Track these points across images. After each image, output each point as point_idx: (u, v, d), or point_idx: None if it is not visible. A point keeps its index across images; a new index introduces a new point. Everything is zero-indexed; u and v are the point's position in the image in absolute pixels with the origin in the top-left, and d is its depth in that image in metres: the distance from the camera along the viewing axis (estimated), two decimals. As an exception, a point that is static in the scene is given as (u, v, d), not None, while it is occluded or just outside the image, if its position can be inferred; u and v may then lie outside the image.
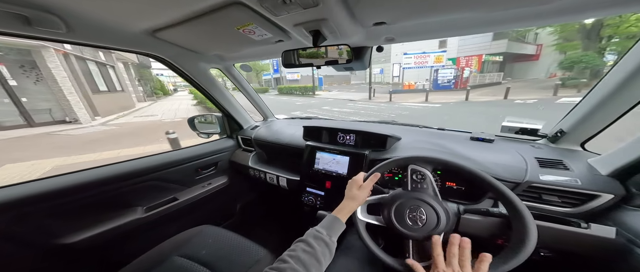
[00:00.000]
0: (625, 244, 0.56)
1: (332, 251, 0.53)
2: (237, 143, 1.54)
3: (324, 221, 0.59)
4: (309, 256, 0.48)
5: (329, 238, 0.53)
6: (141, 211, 1.07)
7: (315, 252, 0.49)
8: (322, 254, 0.49)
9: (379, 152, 0.97)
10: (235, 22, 0.64)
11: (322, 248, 0.51)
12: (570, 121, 0.81)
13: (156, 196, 1.14)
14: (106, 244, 0.98)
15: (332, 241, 0.53)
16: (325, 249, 0.51)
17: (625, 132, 0.77)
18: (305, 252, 0.48)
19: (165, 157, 1.17)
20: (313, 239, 0.52)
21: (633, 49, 0.61)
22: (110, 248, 1.03)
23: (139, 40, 0.78)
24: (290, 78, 32.85)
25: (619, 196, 0.62)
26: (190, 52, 0.98)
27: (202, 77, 1.17)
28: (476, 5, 0.52)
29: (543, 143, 0.92)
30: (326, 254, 0.51)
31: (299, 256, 0.47)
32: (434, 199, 0.63)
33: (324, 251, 0.51)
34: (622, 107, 0.67)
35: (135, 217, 1.03)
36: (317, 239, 0.52)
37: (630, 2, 0.50)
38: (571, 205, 0.67)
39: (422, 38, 0.80)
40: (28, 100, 6.91)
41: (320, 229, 0.55)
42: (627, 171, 0.62)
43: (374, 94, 13.16)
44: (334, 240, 0.55)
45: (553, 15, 0.57)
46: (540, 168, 0.73)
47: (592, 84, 0.73)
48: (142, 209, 1.07)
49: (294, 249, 0.50)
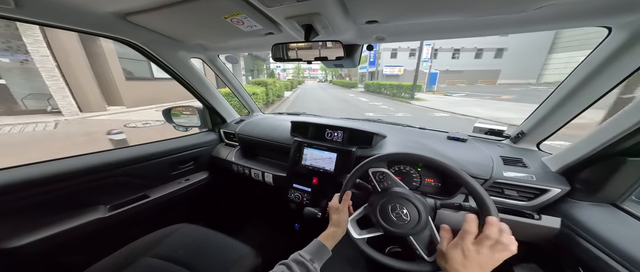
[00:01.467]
0: (568, 233, 0.64)
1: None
2: (219, 137, 1.47)
3: (310, 245, 0.58)
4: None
5: (311, 264, 0.52)
6: (104, 209, 0.96)
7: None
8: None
9: (366, 149, 1.00)
10: (222, 11, 0.60)
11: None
12: (529, 124, 0.91)
13: (122, 194, 1.04)
14: (59, 248, 0.87)
15: (314, 268, 0.52)
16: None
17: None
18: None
19: (134, 152, 1.07)
20: (295, 263, 0.51)
21: (584, 62, 0.69)
22: (64, 252, 0.92)
23: (106, 23, 0.69)
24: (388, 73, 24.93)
25: (565, 190, 0.70)
26: (169, 40, 0.89)
27: (182, 66, 1.08)
28: (459, 10, 0.55)
29: (507, 143, 1.02)
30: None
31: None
32: (404, 190, 0.66)
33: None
34: (570, 114, 0.77)
35: (96, 217, 0.93)
36: (298, 263, 0.51)
37: (592, 17, 0.56)
38: (527, 199, 0.75)
39: (410, 39, 0.82)
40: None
41: (305, 254, 0.54)
42: (572, 169, 0.71)
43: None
44: (317, 267, 0.53)
45: (527, 24, 0.63)
46: (503, 166, 0.80)
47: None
48: (105, 208, 0.97)
49: (275, 271, 0.49)
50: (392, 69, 24.86)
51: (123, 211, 1.01)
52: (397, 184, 0.69)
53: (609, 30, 0.60)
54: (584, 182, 0.69)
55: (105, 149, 1.02)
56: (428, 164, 0.62)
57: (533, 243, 0.74)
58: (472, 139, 1.06)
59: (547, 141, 0.91)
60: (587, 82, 0.68)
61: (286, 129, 1.21)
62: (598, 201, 0.66)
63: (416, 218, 0.60)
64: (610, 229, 0.56)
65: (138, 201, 1.06)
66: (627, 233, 0.55)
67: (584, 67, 0.68)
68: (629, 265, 0.47)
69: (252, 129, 1.33)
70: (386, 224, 0.62)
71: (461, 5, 0.52)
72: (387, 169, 0.71)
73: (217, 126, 1.47)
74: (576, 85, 0.71)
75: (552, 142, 0.95)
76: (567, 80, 0.74)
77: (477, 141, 1.06)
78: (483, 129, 1.05)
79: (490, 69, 25.75)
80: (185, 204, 1.34)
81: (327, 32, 0.71)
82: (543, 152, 0.91)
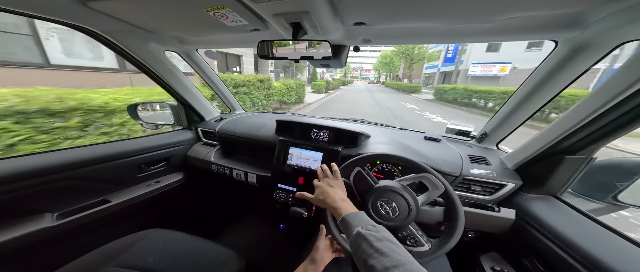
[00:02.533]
0: (521, 223, 0.72)
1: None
2: (196, 136, 1.37)
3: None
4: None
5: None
6: (50, 218, 0.84)
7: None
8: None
9: (351, 149, 1.02)
10: (205, 3, 0.56)
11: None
12: (491, 126, 1.03)
13: (74, 199, 0.92)
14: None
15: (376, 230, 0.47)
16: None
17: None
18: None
19: (88, 152, 0.94)
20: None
21: (535, 71, 0.80)
22: (2, 269, 0.78)
23: (60, 7, 0.60)
24: (478, 73, 16.20)
25: (518, 185, 0.79)
26: (138, 30, 0.80)
27: (153, 60, 0.98)
28: (438, 17, 0.59)
29: (473, 143, 1.13)
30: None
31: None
32: (393, 183, 0.70)
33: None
34: (522, 117, 0.88)
35: (40, 227, 0.80)
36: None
37: (543, 31, 0.65)
38: (489, 193, 0.82)
39: (395, 42, 0.86)
40: None
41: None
42: (524, 166, 0.80)
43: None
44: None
45: (494, 34, 0.70)
46: (470, 163, 0.88)
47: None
48: (51, 216, 0.84)
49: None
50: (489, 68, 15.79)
51: (76, 218, 0.88)
52: (369, 180, 0.74)
53: (555, 44, 0.71)
54: (532, 178, 0.78)
55: (51, 150, 0.88)
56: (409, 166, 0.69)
57: (495, 234, 0.83)
58: (445, 139, 1.15)
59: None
60: (537, 89, 0.79)
61: (271, 128, 1.18)
62: (543, 193, 0.77)
63: (406, 210, 0.64)
64: (552, 218, 0.65)
65: (95, 207, 0.94)
66: (564, 221, 0.64)
67: (535, 75, 0.79)
68: (565, 247, 0.56)
69: (233, 128, 1.26)
70: (380, 219, 0.65)
71: (440, 13, 0.57)
72: (360, 168, 0.76)
73: (194, 124, 1.37)
74: (528, 92, 0.82)
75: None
76: (521, 87, 0.85)
77: (449, 140, 1.15)
78: (454, 130, 1.15)
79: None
80: (156, 208, 1.22)
81: (315, 32, 0.70)
82: (501, 151, 1.03)
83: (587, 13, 0.52)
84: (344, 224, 0.51)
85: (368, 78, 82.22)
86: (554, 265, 0.57)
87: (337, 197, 0.60)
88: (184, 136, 1.33)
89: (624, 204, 0.65)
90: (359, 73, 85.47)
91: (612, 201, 0.67)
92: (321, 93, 15.01)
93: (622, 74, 0.49)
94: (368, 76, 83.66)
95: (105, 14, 0.65)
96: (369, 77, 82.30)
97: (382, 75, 58.07)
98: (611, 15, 0.49)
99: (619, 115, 0.51)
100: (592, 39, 0.59)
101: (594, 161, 0.65)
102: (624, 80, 0.48)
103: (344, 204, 0.58)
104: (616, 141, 0.59)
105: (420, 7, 0.54)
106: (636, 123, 0.51)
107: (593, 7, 0.49)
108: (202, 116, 1.37)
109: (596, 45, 0.60)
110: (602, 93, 0.52)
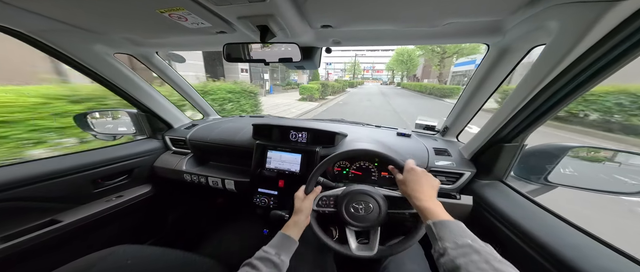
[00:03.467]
0: (477, 208, 0.78)
1: (281, 269, 0.51)
2: (164, 145, 1.27)
3: (273, 240, 0.57)
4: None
5: (278, 258, 0.52)
6: None
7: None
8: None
9: (328, 149, 1.03)
10: (157, 4, 0.51)
11: (268, 268, 0.49)
12: (450, 120, 1.12)
13: (17, 222, 0.81)
14: None
15: (281, 261, 0.52)
16: (273, 269, 0.50)
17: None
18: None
19: (32, 168, 0.83)
20: (259, 260, 0.50)
21: (476, 72, 0.90)
22: None
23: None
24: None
25: (474, 173, 0.86)
26: (78, 30, 0.71)
27: (101, 63, 0.87)
28: (393, 20, 0.64)
29: (438, 136, 1.23)
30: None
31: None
32: (364, 187, 0.73)
33: (270, 271, 0.49)
34: (471, 113, 0.99)
35: None
36: (263, 260, 0.50)
37: (477, 36, 0.72)
38: (451, 182, 0.88)
39: (361, 44, 0.89)
40: None
41: (269, 248, 0.54)
42: (476, 155, 0.87)
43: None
44: (284, 259, 0.53)
45: (439, 37, 0.77)
46: (435, 156, 0.94)
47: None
48: None
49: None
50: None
51: (20, 241, 0.77)
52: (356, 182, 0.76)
53: (488, 47, 0.80)
54: (482, 165, 0.86)
55: None
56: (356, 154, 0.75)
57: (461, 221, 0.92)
58: (415, 134, 1.23)
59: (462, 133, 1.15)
60: (479, 86, 0.89)
61: (247, 132, 1.14)
62: (492, 179, 0.85)
63: (377, 211, 0.67)
64: (499, 201, 0.73)
65: (41, 229, 0.83)
66: (507, 202, 0.71)
67: (477, 74, 0.90)
68: (510, 226, 0.64)
69: (206, 134, 1.19)
70: (352, 221, 0.67)
71: (393, 16, 0.62)
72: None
73: (160, 133, 1.27)
74: (472, 90, 0.93)
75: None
76: (467, 85, 0.96)
77: (418, 135, 1.23)
78: (421, 125, 1.25)
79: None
80: (120, 223, 1.11)
81: (284, 34, 0.69)
82: (460, 143, 1.14)
83: (504, 21, 0.61)
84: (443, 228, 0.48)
85: (380, 79, 72.95)
86: (505, 244, 0.65)
87: (431, 194, 0.59)
88: (148, 145, 1.22)
89: (553, 183, 0.76)
90: (371, 73, 76.04)
91: (544, 182, 0.78)
92: (313, 101, 10.93)
93: (532, 73, 0.58)
94: (380, 77, 73.58)
95: (28, 11, 0.56)
96: (381, 78, 72.75)
97: (397, 75, 51.60)
98: (521, 23, 0.58)
99: (535, 107, 0.61)
100: (512, 43, 0.70)
101: (525, 147, 0.76)
102: (534, 78, 0.57)
103: (437, 206, 0.54)
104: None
105: (375, 10, 0.58)
106: (549, 113, 0.61)
107: (507, 16, 0.58)
108: (170, 123, 1.27)
109: (515, 48, 0.72)
110: (520, 90, 0.62)
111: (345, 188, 0.75)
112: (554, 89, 0.54)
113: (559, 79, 0.51)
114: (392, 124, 1.38)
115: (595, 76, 0.47)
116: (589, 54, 0.45)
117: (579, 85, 0.51)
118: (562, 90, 0.53)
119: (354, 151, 0.80)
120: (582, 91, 0.52)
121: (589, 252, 0.49)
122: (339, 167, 1.02)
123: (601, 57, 0.44)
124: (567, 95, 0.54)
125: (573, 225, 0.58)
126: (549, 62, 0.51)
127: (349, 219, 0.68)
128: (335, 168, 1.02)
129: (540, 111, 0.61)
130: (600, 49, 0.43)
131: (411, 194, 0.59)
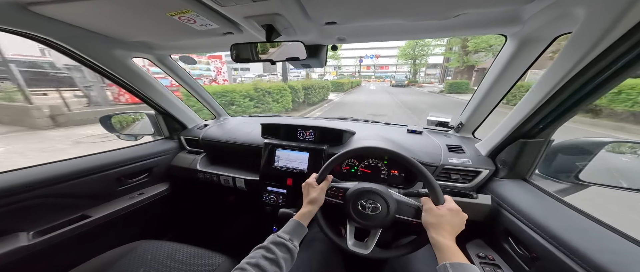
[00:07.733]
0: (497, 207, 0.73)
1: (294, 255, 0.52)
2: (179, 145, 1.33)
3: (287, 225, 0.58)
4: (269, 262, 0.47)
5: (291, 243, 0.52)
6: (26, 237, 0.81)
7: (277, 258, 0.48)
8: (283, 260, 0.48)
9: (336, 147, 1.02)
10: (166, 7, 0.53)
11: (283, 253, 0.50)
12: (465, 116, 1.06)
13: (51, 216, 0.88)
14: None
15: (294, 246, 0.52)
16: (287, 254, 0.50)
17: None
18: (265, 258, 0.47)
19: (63, 167, 0.90)
20: (274, 244, 0.51)
21: (493, 64, 0.84)
22: None
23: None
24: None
25: (492, 171, 0.82)
26: (99, 36, 0.76)
27: (120, 67, 0.93)
28: (400, 14, 0.61)
29: (452, 133, 1.17)
30: (288, 259, 0.50)
31: (259, 262, 0.46)
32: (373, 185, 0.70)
33: (285, 256, 0.50)
34: (490, 107, 0.93)
35: (15, 247, 0.77)
36: (278, 244, 0.51)
37: (493, 27, 0.68)
38: (467, 180, 0.85)
39: (367, 40, 0.87)
40: None
41: (282, 233, 0.54)
42: (494, 152, 0.83)
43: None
44: (296, 244, 0.54)
45: (450, 30, 0.73)
46: (449, 153, 0.91)
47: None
48: (27, 234, 0.81)
49: (254, 256, 0.48)
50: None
51: (54, 235, 0.85)
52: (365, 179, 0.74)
53: (505, 38, 0.74)
54: (503, 163, 0.81)
55: (22, 167, 0.83)
56: (392, 157, 0.69)
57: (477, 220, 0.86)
58: (426, 131, 1.18)
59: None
60: (497, 80, 0.84)
61: (257, 132, 1.17)
62: (513, 177, 0.80)
63: (384, 213, 0.65)
64: (522, 200, 0.67)
65: (75, 223, 0.91)
66: (532, 202, 0.66)
67: (494, 67, 0.84)
68: (535, 228, 0.59)
69: (218, 134, 1.24)
70: (357, 217, 0.66)
71: (401, 10, 0.59)
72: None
73: (176, 133, 1.33)
74: (491, 82, 0.86)
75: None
76: (485, 78, 0.90)
77: (430, 132, 1.18)
78: (434, 121, 1.19)
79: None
80: (142, 220, 1.19)
81: (289, 33, 0.70)
82: (477, 139, 1.07)
83: (522, 9, 0.57)
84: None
85: (385, 76, 46.75)
86: (528, 245, 0.60)
87: (454, 233, 0.54)
88: (166, 145, 1.29)
89: (586, 182, 0.69)
90: (373, 70, 52.08)
91: (575, 181, 0.70)
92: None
93: (559, 63, 0.52)
94: (385, 74, 49.50)
95: (55, 19, 0.61)
96: (387, 76, 46.45)
97: (421, 66, 31.54)
98: (542, 11, 0.54)
99: (562, 100, 0.55)
100: (533, 32, 0.65)
101: (552, 143, 0.69)
102: (561, 68, 0.51)
103: (456, 246, 0.50)
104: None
105: (381, 4, 0.56)
106: (579, 106, 0.55)
107: (525, 4, 0.53)
108: (184, 124, 1.33)
109: (536, 38, 0.66)
110: (545, 81, 0.56)
111: (358, 183, 0.73)
112: (583, 79, 0.48)
113: (590, 69, 0.46)
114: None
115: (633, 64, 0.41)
116: (623, 41, 0.39)
117: (613, 74, 0.45)
118: (592, 81, 0.48)
119: (391, 152, 0.70)
120: (616, 82, 0.46)
121: (633, 258, 0.44)
122: (347, 165, 1.01)
123: (638, 44, 0.38)
124: (599, 87, 0.48)
125: (612, 228, 0.52)
126: (577, 51, 0.46)
127: (354, 215, 0.67)
128: (344, 167, 1.01)
129: (569, 103, 0.55)
130: (636, 35, 0.37)
131: (436, 227, 0.54)
